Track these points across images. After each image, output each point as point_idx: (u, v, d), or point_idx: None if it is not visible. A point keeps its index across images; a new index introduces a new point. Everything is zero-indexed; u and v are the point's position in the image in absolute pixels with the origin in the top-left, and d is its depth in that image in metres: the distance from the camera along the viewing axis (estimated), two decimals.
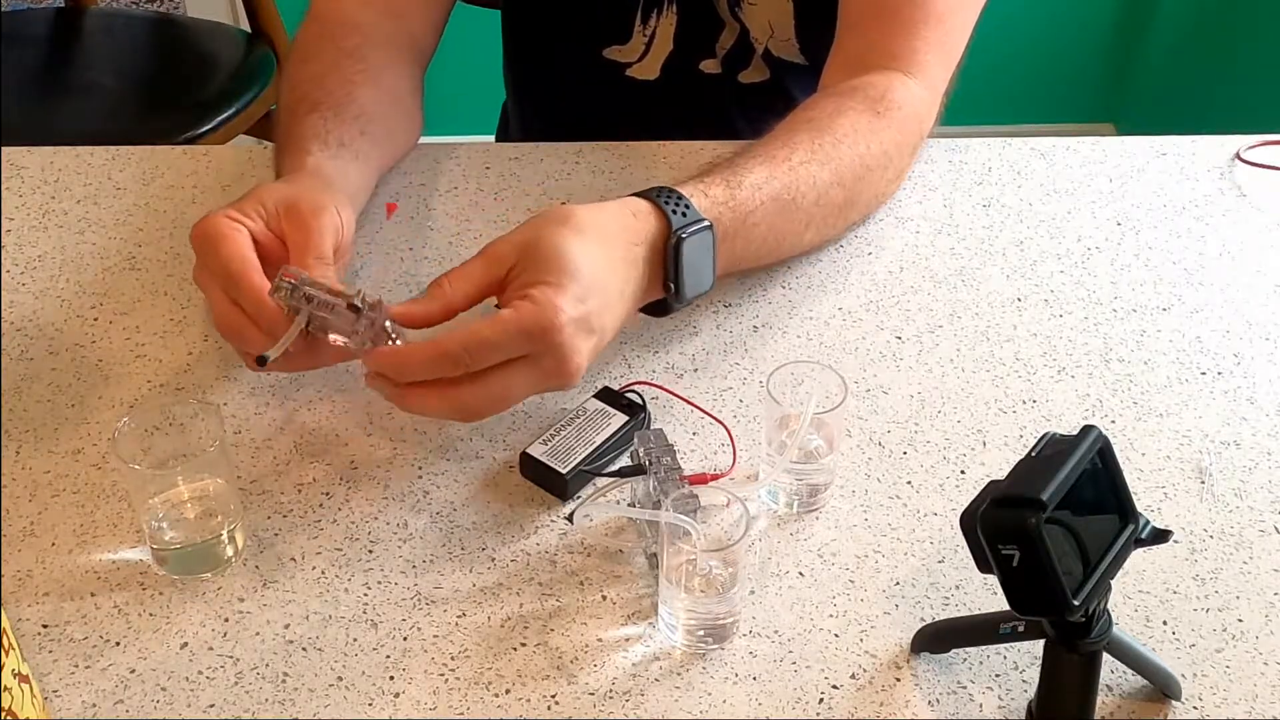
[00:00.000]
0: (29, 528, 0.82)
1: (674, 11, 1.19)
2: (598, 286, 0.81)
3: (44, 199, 1.11)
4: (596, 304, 0.81)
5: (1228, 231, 1.08)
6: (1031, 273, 1.03)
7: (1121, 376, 0.94)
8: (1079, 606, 0.63)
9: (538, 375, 0.80)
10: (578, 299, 0.79)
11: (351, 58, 1.06)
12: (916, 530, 0.82)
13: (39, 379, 0.93)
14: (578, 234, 0.82)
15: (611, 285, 0.83)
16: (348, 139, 0.99)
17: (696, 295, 0.89)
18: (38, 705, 0.66)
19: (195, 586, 0.79)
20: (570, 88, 1.29)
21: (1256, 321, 0.99)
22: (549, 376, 0.80)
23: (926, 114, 1.05)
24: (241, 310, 0.83)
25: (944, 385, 0.93)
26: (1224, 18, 2.52)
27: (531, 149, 1.17)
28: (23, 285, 1.02)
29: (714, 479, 0.82)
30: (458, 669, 0.74)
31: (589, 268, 0.81)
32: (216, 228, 0.85)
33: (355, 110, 1.01)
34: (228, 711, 0.72)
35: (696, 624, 0.75)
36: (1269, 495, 0.85)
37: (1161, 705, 0.73)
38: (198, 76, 1.96)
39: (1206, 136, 1.19)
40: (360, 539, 0.81)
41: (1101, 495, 0.67)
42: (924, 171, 1.13)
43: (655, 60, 1.22)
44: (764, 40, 1.19)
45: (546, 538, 0.81)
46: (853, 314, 0.99)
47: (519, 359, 0.79)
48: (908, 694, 0.73)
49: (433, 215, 1.08)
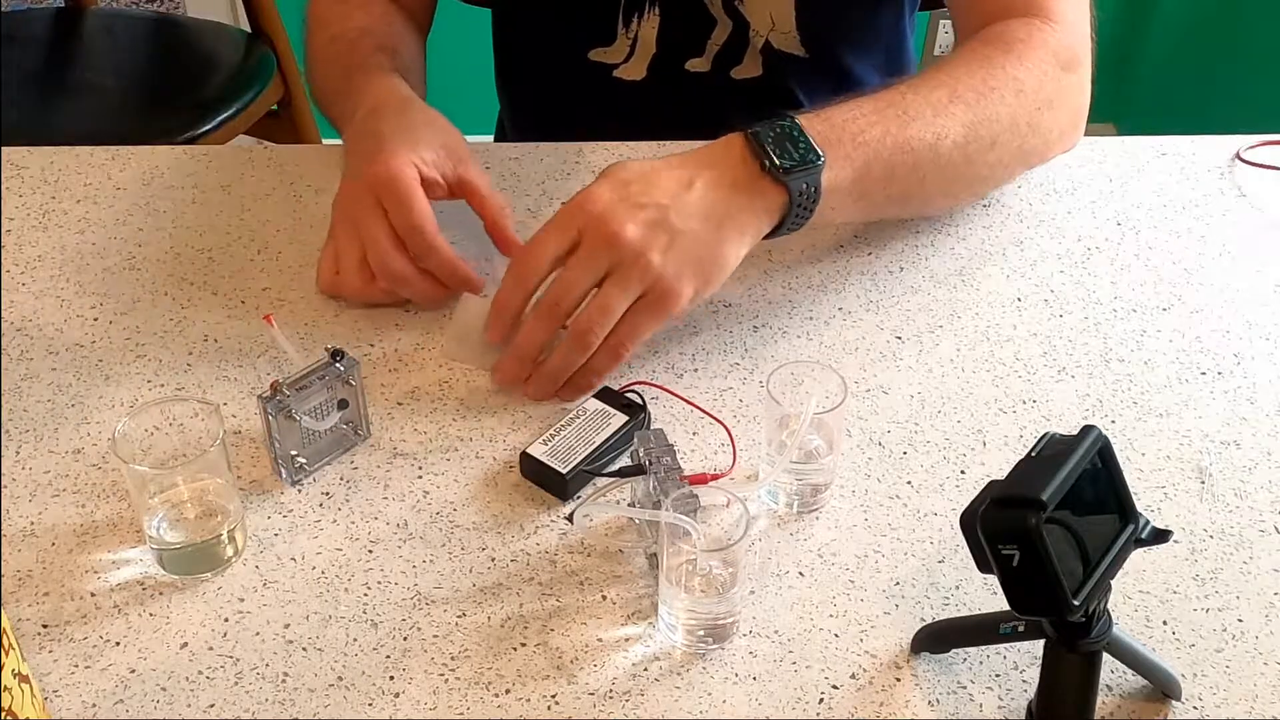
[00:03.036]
0: (29, 528, 0.82)
1: (656, 14, 1.19)
2: (639, 174, 0.87)
3: (44, 199, 1.11)
4: (640, 186, 0.86)
5: (1228, 231, 1.08)
6: (1031, 273, 1.03)
7: (1121, 376, 0.94)
8: (1079, 606, 0.63)
9: (593, 258, 0.85)
10: (616, 184, 0.86)
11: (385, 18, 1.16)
12: (916, 530, 0.82)
13: (39, 379, 0.93)
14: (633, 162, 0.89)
15: (662, 174, 0.88)
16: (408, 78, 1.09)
17: (805, 171, 0.89)
18: (38, 705, 0.66)
19: (195, 586, 0.79)
20: (559, 90, 1.29)
21: (1256, 321, 0.99)
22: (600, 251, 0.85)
23: (1068, 48, 1.03)
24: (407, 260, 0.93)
25: (944, 385, 0.93)
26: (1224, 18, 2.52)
27: (532, 149, 1.17)
28: (23, 285, 1.02)
29: (714, 479, 0.82)
30: (458, 669, 0.74)
31: (631, 166, 0.88)
32: (408, 181, 0.93)
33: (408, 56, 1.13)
34: (228, 711, 0.72)
35: (696, 624, 0.75)
36: (1269, 495, 0.85)
37: (1161, 705, 0.73)
38: (198, 76, 1.96)
39: (1206, 136, 1.19)
40: (360, 539, 0.81)
41: (1101, 495, 0.67)
42: None
43: (641, 61, 1.22)
44: (764, 33, 1.19)
45: (546, 538, 0.81)
46: (853, 314, 0.99)
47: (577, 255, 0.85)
48: (908, 694, 0.73)
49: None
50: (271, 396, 0.82)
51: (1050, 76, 1.02)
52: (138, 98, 1.95)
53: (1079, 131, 1.07)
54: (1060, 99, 1.03)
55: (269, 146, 1.20)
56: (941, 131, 0.96)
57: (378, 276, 0.95)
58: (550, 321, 0.87)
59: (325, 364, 0.84)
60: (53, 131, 1.80)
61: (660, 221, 0.85)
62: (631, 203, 0.85)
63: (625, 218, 0.85)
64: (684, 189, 0.87)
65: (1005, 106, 0.99)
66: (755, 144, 0.89)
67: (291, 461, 0.84)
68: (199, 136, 1.82)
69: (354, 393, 0.85)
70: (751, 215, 0.89)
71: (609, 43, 1.22)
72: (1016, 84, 0.99)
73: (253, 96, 1.91)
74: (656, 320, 0.87)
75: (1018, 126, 1.00)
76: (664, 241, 0.85)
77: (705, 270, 0.87)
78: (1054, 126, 1.04)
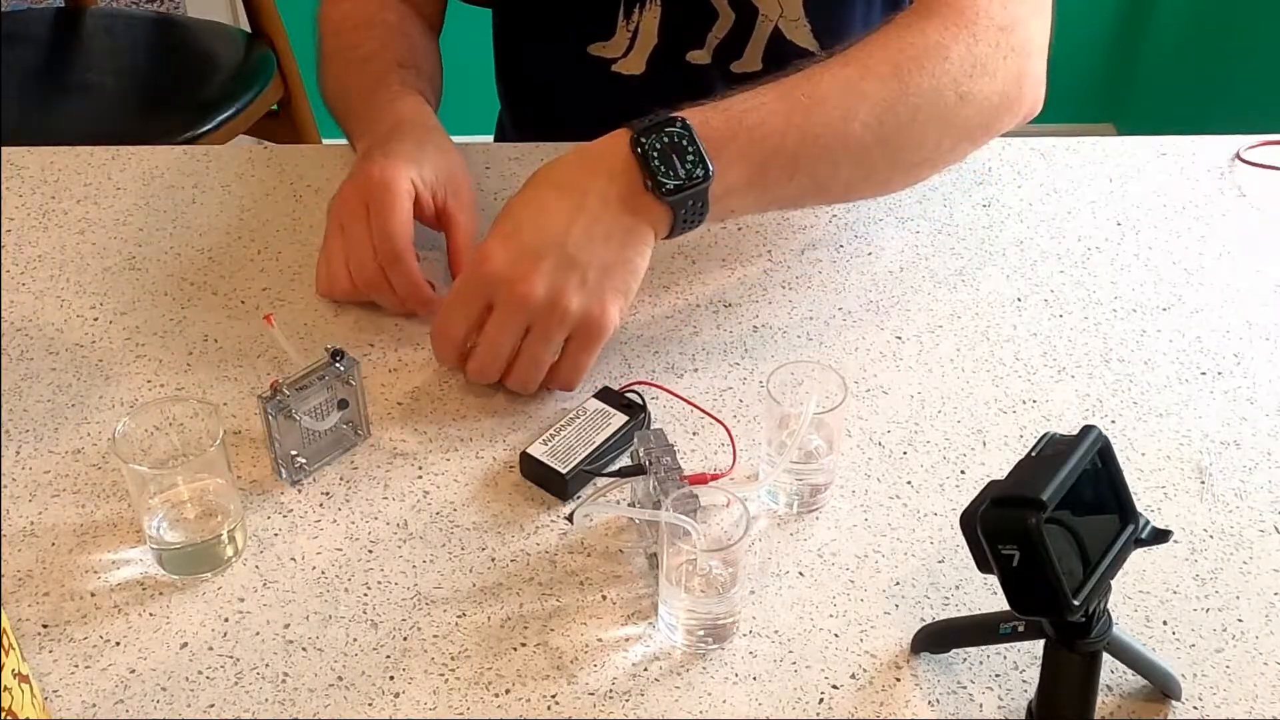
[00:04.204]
0: (29, 528, 0.82)
1: (657, 3, 1.19)
2: (526, 217, 0.86)
3: (44, 199, 1.11)
4: (531, 230, 0.85)
5: (1228, 231, 1.08)
6: (1031, 273, 1.03)
7: (1121, 376, 0.94)
8: (1079, 606, 0.63)
9: (511, 320, 0.85)
10: (506, 237, 0.85)
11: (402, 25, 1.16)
12: (916, 530, 0.82)
13: (39, 379, 0.93)
14: (527, 183, 0.89)
15: (548, 207, 0.86)
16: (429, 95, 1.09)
17: (688, 190, 0.86)
18: (38, 705, 0.66)
19: (195, 586, 0.79)
20: (558, 86, 1.29)
21: (1256, 321, 0.99)
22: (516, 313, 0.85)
23: (1003, 9, 0.96)
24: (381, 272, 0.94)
25: (944, 385, 0.93)
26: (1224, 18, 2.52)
27: (531, 149, 1.17)
28: (23, 285, 1.02)
29: (714, 479, 0.82)
30: (458, 669, 0.74)
31: (515, 210, 0.87)
32: (398, 191, 0.94)
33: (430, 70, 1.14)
34: (228, 711, 0.72)
35: (696, 624, 0.75)
36: (1269, 495, 0.85)
37: (1161, 705, 0.73)
38: (198, 76, 1.96)
39: (1206, 136, 1.19)
40: (360, 539, 0.81)
41: (1101, 495, 0.67)
42: None
43: (640, 54, 1.21)
44: (774, 19, 1.18)
45: (546, 538, 0.81)
46: (853, 314, 0.99)
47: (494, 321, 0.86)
48: (908, 694, 0.73)
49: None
50: (271, 396, 0.82)
51: (984, 40, 0.94)
52: (138, 98, 1.95)
53: (1027, 100, 0.99)
54: (995, 64, 0.95)
55: (269, 146, 1.20)
56: (851, 112, 0.90)
57: (355, 280, 0.96)
58: (486, 381, 0.89)
59: (325, 364, 0.84)
60: (53, 131, 1.80)
61: (564, 263, 0.84)
62: (528, 253, 0.84)
63: (529, 273, 0.84)
64: (575, 218, 0.85)
65: (927, 77, 0.92)
66: (639, 158, 0.86)
67: (291, 461, 0.84)
68: (199, 136, 1.82)
69: (354, 393, 0.85)
70: (645, 228, 0.87)
71: (608, 36, 1.22)
72: (940, 51, 0.92)
73: (253, 96, 1.91)
74: (592, 351, 0.87)
75: (943, 98, 0.93)
76: (575, 281, 0.84)
77: (623, 287, 0.87)
78: (991, 94, 0.95)
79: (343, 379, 0.84)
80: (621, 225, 0.86)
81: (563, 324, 0.85)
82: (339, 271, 0.97)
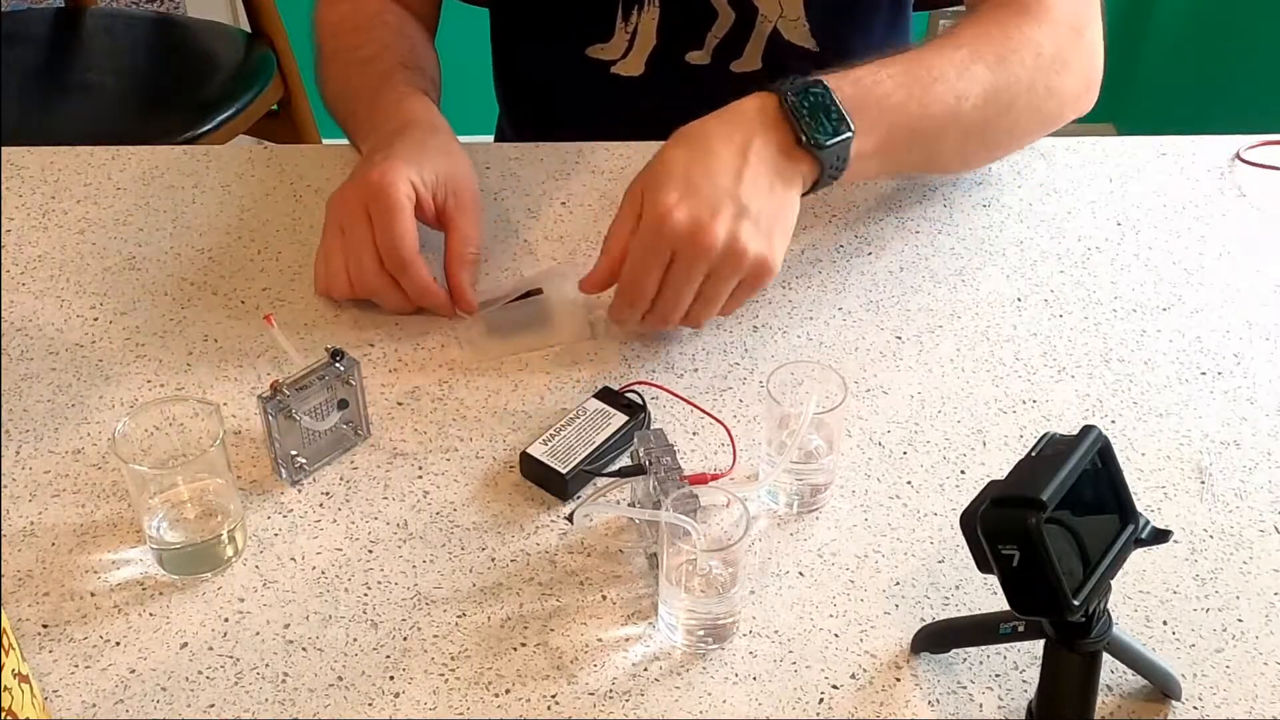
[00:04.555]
0: (29, 528, 0.82)
1: (656, 4, 1.19)
2: (696, 158, 0.89)
3: (44, 199, 1.11)
4: (701, 172, 0.88)
5: (1228, 231, 1.08)
6: (1031, 273, 1.03)
7: (1121, 376, 0.94)
8: (1079, 606, 0.63)
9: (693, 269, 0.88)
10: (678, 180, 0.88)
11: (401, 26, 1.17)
12: (916, 530, 0.82)
13: (39, 379, 0.93)
14: (675, 141, 0.92)
15: (716, 149, 0.90)
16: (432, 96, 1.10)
17: (837, 145, 0.91)
18: (38, 705, 0.66)
19: (195, 586, 0.79)
20: (557, 88, 1.29)
21: (1256, 321, 0.99)
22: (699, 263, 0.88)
23: (1077, 12, 1.05)
24: (383, 271, 0.95)
25: (944, 385, 0.93)
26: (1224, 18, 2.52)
27: (531, 149, 1.17)
28: (23, 285, 1.02)
29: (714, 479, 0.82)
30: (458, 669, 0.74)
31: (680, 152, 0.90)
32: (398, 195, 0.94)
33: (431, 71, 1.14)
34: (228, 711, 0.72)
35: (696, 624, 0.75)
36: (1269, 495, 0.85)
37: (1161, 705, 0.73)
38: (198, 76, 1.96)
39: (1206, 136, 1.19)
40: (360, 539, 0.81)
41: (1101, 495, 0.67)
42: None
43: (639, 56, 1.21)
44: (773, 19, 1.18)
45: (546, 538, 0.81)
46: (853, 314, 0.99)
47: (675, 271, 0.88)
48: (908, 694, 0.73)
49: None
50: (271, 396, 0.82)
51: (1065, 39, 1.03)
52: (138, 98, 1.94)
53: (1092, 95, 1.08)
54: (1075, 62, 1.04)
55: (269, 146, 1.20)
56: (963, 93, 0.97)
57: (355, 285, 0.96)
58: (665, 328, 0.94)
59: (325, 364, 0.84)
60: (53, 131, 1.80)
61: (739, 211, 0.88)
62: (703, 200, 0.88)
63: (709, 222, 0.87)
64: (741, 169, 0.89)
65: (1024, 69, 1.00)
66: (790, 113, 0.91)
67: (291, 461, 0.84)
68: (199, 136, 1.82)
69: (354, 393, 0.85)
70: (796, 177, 0.92)
71: (607, 38, 1.22)
72: (1035, 46, 1.00)
73: (253, 96, 1.91)
74: (757, 290, 0.92)
75: (1035, 90, 1.01)
76: (748, 228, 0.88)
77: (785, 231, 0.91)
78: (1069, 90, 1.05)
79: (343, 379, 0.84)
80: (783, 176, 0.91)
81: (739, 269, 0.89)
82: (337, 271, 0.97)
